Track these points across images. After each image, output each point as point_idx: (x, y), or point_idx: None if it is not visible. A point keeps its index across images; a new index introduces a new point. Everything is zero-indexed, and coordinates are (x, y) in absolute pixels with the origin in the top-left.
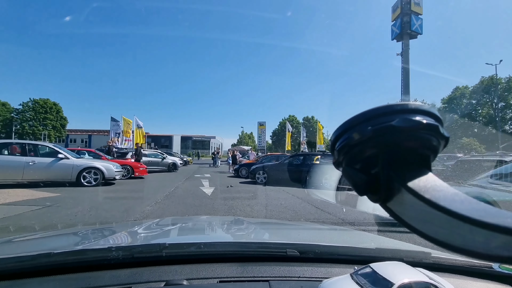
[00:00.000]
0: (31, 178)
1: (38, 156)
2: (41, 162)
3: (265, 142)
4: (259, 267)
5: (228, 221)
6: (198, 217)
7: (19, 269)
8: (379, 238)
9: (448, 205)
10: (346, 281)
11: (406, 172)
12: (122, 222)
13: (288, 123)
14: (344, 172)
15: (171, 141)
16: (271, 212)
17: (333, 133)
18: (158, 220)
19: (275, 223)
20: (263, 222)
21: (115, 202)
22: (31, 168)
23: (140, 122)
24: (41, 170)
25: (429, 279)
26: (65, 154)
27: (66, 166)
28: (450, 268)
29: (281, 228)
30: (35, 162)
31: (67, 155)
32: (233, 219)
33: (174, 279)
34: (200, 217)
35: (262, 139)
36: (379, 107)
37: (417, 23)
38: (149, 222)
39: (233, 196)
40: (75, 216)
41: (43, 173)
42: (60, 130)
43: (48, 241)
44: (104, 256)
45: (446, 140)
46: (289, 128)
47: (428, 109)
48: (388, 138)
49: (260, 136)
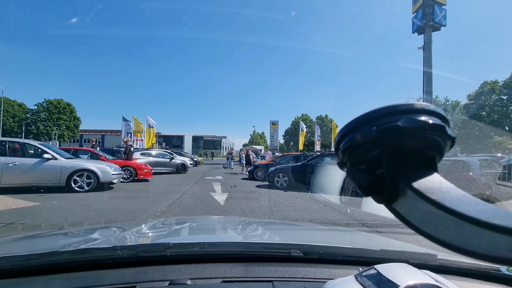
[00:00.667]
0: (12, 182)
1: (21, 157)
2: (24, 163)
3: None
4: (262, 268)
5: (232, 221)
6: (203, 217)
7: (27, 267)
8: (384, 240)
9: (455, 207)
10: (351, 282)
11: (411, 173)
12: (128, 221)
13: (301, 122)
14: (348, 172)
15: (182, 141)
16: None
17: (338, 134)
18: (163, 220)
19: (279, 223)
20: (267, 222)
21: (102, 216)
22: (11, 171)
23: (153, 121)
24: (23, 173)
25: (435, 281)
26: (53, 154)
27: (53, 168)
28: (456, 270)
29: (285, 229)
30: (16, 164)
31: (55, 155)
32: (237, 219)
33: (178, 279)
34: (204, 217)
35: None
36: (383, 107)
37: (440, 14)
38: (154, 221)
39: (252, 207)
40: None
41: (26, 176)
42: (73, 130)
43: (54, 239)
44: (109, 255)
45: (453, 140)
46: (303, 127)
47: (434, 109)
48: (393, 139)
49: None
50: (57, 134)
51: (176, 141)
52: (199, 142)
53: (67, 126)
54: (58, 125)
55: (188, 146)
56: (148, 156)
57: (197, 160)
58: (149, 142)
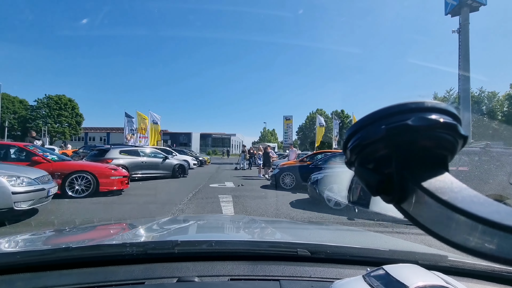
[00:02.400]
0: None
1: None
2: None
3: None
4: (269, 266)
5: (239, 220)
6: (210, 215)
7: (40, 261)
8: (392, 240)
9: (467, 207)
10: (358, 282)
11: (422, 173)
12: (137, 219)
13: (319, 116)
14: (356, 172)
15: (189, 139)
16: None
17: (346, 132)
18: (172, 218)
19: (286, 222)
20: (274, 221)
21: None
22: None
23: (157, 117)
24: None
25: (445, 283)
26: None
27: None
28: (468, 272)
29: (292, 228)
30: None
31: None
32: (244, 218)
33: (186, 276)
34: (212, 215)
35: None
36: (393, 105)
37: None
38: (162, 219)
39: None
40: None
41: None
42: (75, 128)
43: (66, 236)
44: (119, 251)
45: (465, 139)
46: (321, 121)
47: (445, 107)
48: (403, 138)
49: (286, 132)
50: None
51: (183, 139)
52: (208, 140)
53: (68, 123)
54: (59, 122)
55: (196, 144)
56: (130, 156)
57: (203, 159)
58: (153, 140)
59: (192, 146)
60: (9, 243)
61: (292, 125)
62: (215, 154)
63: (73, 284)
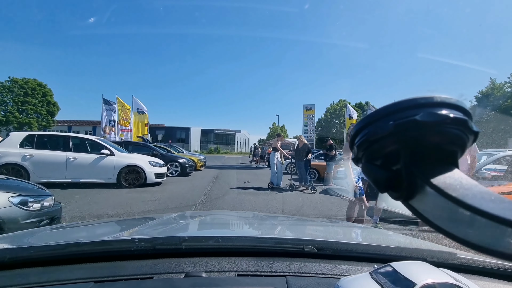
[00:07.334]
0: None
1: None
2: None
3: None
4: (276, 263)
5: (246, 216)
6: (217, 212)
7: (52, 256)
8: (400, 237)
9: (478, 204)
10: (365, 279)
11: (431, 169)
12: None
13: (349, 106)
14: (364, 168)
15: (188, 134)
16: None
17: (353, 128)
18: (179, 214)
19: (293, 218)
20: (281, 218)
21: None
22: None
23: (143, 106)
24: None
25: (454, 280)
26: None
27: None
28: (478, 270)
29: (298, 224)
30: None
31: None
32: (251, 214)
33: (194, 271)
34: (219, 211)
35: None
36: (401, 100)
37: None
38: (170, 215)
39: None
40: None
41: None
42: (47, 118)
43: (76, 231)
44: (128, 246)
45: (475, 135)
46: (351, 112)
47: (455, 102)
48: (411, 133)
49: (306, 125)
50: (6, 121)
51: (180, 134)
52: (210, 136)
53: (36, 112)
54: (22, 111)
55: (195, 141)
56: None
57: (191, 162)
58: (139, 133)
59: (191, 142)
60: (21, 238)
61: (314, 116)
62: (218, 152)
63: (84, 278)
